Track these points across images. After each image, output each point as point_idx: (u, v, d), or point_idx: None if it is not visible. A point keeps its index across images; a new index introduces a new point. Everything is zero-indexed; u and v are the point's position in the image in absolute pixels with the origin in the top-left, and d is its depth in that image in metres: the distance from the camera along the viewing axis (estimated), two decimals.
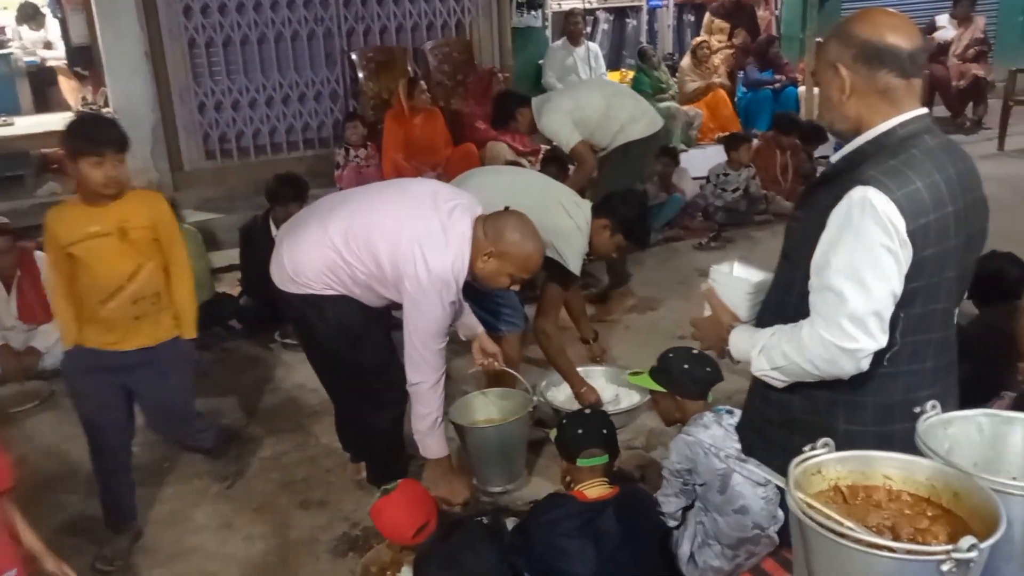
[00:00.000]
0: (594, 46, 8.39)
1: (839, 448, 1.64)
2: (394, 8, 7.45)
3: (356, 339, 3.06)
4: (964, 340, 3.27)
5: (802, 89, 8.26)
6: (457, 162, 6.18)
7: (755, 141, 7.26)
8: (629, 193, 4.13)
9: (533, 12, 8.05)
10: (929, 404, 1.70)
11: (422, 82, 6.50)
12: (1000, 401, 2.80)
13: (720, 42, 8.76)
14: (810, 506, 1.44)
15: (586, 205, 3.71)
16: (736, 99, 8.75)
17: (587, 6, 9.00)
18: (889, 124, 1.78)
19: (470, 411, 3.57)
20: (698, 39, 8.64)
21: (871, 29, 1.77)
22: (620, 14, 9.54)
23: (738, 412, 2.75)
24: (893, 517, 1.50)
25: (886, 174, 1.72)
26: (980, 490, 1.46)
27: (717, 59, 8.63)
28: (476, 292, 3.44)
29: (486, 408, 3.67)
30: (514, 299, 3.72)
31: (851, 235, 1.71)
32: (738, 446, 2.44)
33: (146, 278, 2.99)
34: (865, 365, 1.76)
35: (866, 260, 1.70)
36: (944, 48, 8.78)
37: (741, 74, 8.82)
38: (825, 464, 1.58)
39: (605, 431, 2.85)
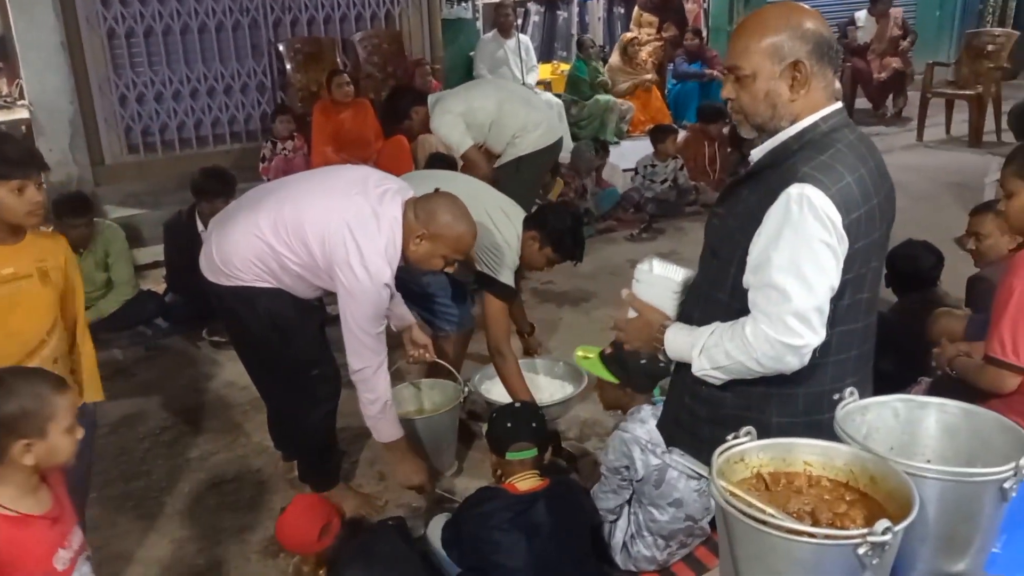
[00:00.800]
0: (525, 38, 8.39)
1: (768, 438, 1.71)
2: None
3: (287, 333, 3.01)
4: (888, 328, 3.38)
5: None
6: (388, 155, 6.12)
7: (682, 133, 7.35)
8: (559, 205, 4.10)
9: (463, 3, 8.02)
10: (847, 391, 1.73)
11: (344, 75, 6.42)
12: (917, 387, 2.89)
13: (649, 35, 8.85)
14: (733, 494, 1.46)
15: (518, 217, 3.60)
16: (666, 91, 8.86)
17: None
18: (814, 118, 1.79)
19: (399, 402, 3.51)
20: (628, 36, 8.71)
21: (817, 23, 1.77)
22: (551, 6, 9.57)
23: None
24: (813, 502, 1.53)
25: (819, 170, 1.72)
26: (895, 474, 1.49)
27: (645, 52, 8.71)
28: (414, 296, 3.45)
29: (416, 399, 3.66)
30: (456, 304, 3.70)
31: (791, 232, 1.71)
32: None
33: (61, 332, 2.51)
34: (807, 360, 1.77)
35: (807, 256, 1.71)
36: (865, 46, 9.00)
37: (671, 67, 8.93)
38: (748, 452, 1.60)
39: (534, 424, 2.86)
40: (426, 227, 2.84)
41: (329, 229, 2.79)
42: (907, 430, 1.73)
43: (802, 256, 1.70)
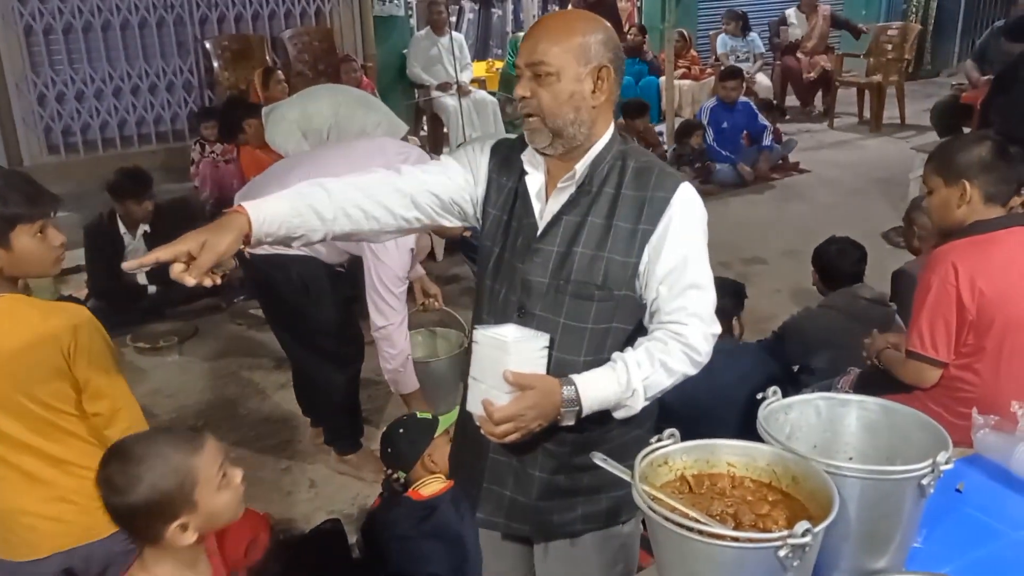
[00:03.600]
0: (459, 36, 8.33)
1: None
2: None
3: (318, 297, 3.23)
4: (818, 325, 3.42)
5: (663, 79, 8.45)
6: None
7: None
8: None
9: (395, 1, 7.92)
10: (771, 390, 1.73)
11: (279, 72, 6.29)
12: (846, 377, 2.91)
13: None
14: (655, 498, 1.44)
15: None
16: None
17: None
18: (610, 131, 1.77)
19: (412, 347, 3.80)
20: None
21: (616, 38, 1.75)
22: (486, 4, 9.54)
23: None
24: (736, 504, 1.51)
25: (673, 172, 1.80)
26: (816, 473, 1.49)
27: None
28: None
29: (427, 346, 3.97)
30: None
31: (691, 231, 1.73)
32: None
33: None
34: None
35: (704, 249, 1.76)
36: (795, 44, 9.17)
37: None
38: (671, 455, 1.58)
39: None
40: None
41: None
42: (829, 428, 1.73)
43: (702, 251, 1.75)
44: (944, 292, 2.32)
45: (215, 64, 6.94)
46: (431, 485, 2.68)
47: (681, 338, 1.69)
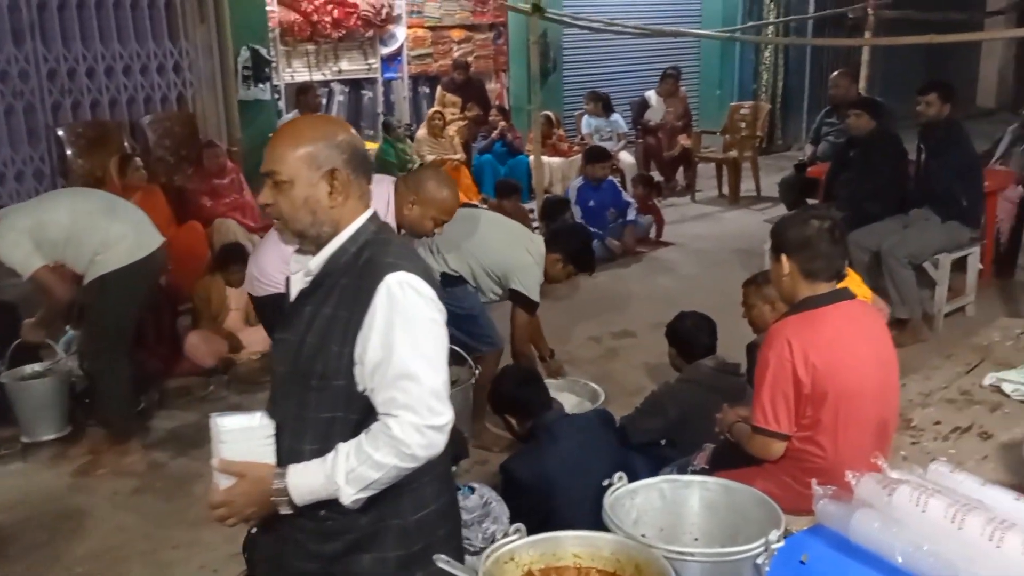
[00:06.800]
0: None
1: (411, 539, 1.76)
2: (107, 81, 6.96)
3: None
4: (676, 403, 3.46)
5: (532, 158, 8.67)
6: (182, 242, 5.83)
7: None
8: (574, 228, 5.25)
9: (260, 85, 7.87)
10: (616, 476, 1.74)
11: (137, 159, 6.11)
12: (701, 454, 2.96)
13: (453, 114, 9.05)
14: None
15: (539, 240, 4.36)
16: (472, 168, 9.06)
17: (322, 77, 8.99)
18: (361, 220, 1.82)
19: None
20: (432, 110, 8.89)
21: (350, 136, 1.83)
22: (356, 86, 9.59)
23: (480, 488, 2.77)
24: None
25: (400, 257, 1.78)
26: (656, 560, 1.50)
27: (452, 129, 8.90)
28: (457, 318, 3.53)
29: None
30: (492, 322, 4.23)
31: (402, 319, 1.71)
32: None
33: None
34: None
35: (424, 336, 1.73)
36: (657, 126, 9.63)
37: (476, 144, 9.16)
38: (517, 550, 1.57)
39: None
40: (416, 193, 3.39)
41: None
42: (673, 510, 1.76)
43: (420, 338, 1.72)
44: (781, 367, 2.40)
45: (68, 152, 6.69)
46: None
47: (388, 431, 1.68)
